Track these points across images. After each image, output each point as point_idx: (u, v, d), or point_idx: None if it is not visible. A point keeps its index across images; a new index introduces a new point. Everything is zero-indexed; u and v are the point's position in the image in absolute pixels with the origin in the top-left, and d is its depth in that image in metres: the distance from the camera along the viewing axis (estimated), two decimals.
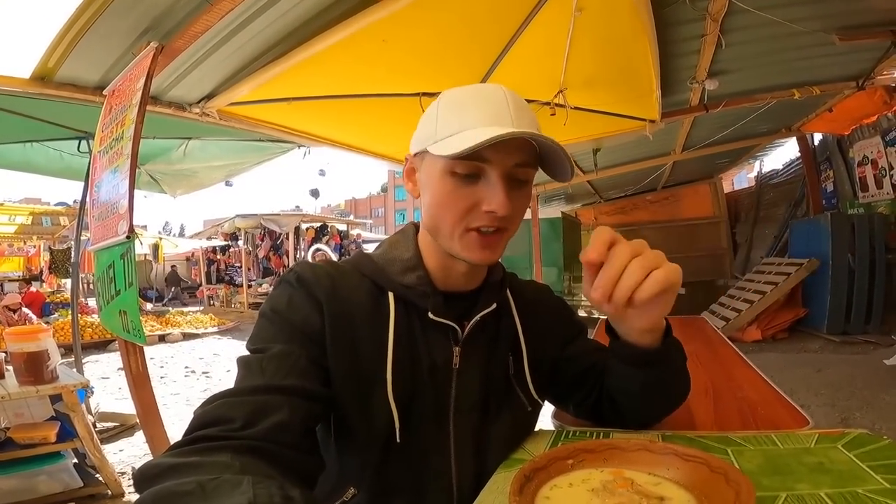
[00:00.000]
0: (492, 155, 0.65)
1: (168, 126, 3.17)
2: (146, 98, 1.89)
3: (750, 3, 2.49)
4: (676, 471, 0.61)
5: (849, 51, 3.22)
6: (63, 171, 4.07)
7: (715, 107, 3.87)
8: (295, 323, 0.67)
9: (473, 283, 0.77)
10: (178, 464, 0.47)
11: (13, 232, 9.78)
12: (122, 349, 2.13)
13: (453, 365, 0.73)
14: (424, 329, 0.72)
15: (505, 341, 0.78)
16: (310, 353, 0.65)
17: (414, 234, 0.78)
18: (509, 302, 0.80)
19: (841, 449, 0.68)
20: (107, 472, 2.53)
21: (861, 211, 6.28)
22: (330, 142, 3.55)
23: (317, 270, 0.71)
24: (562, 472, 0.62)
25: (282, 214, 13.20)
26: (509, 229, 0.70)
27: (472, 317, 0.74)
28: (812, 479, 0.60)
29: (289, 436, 0.56)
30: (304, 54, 2.17)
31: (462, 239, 0.68)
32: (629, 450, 0.65)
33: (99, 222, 2.19)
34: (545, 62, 2.54)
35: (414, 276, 0.73)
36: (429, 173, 0.70)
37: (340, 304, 0.69)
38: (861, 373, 4.22)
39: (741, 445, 0.73)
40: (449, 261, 0.73)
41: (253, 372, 0.61)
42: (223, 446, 0.51)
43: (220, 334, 8.98)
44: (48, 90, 2.33)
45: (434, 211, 0.70)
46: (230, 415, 0.54)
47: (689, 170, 7.64)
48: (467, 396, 0.74)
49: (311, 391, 0.62)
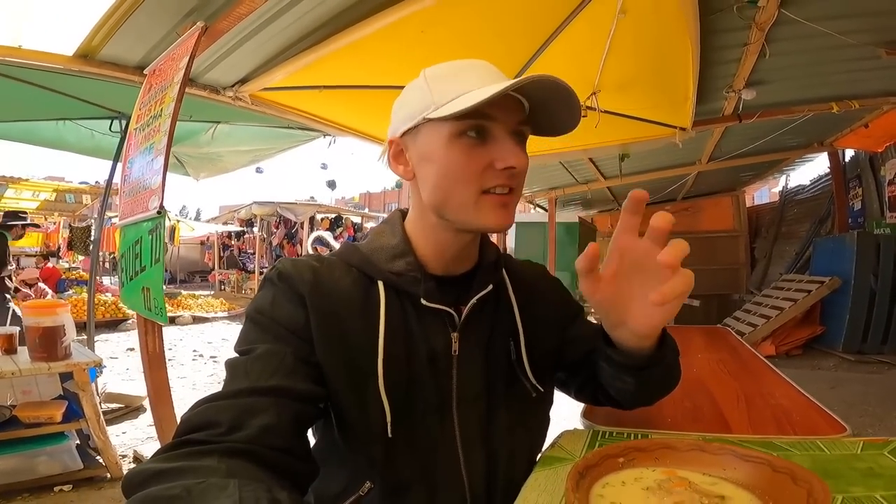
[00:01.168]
0: (498, 113, 0.64)
1: (200, 108, 3.20)
2: (187, 77, 1.90)
3: (800, 14, 2.45)
4: (734, 471, 0.60)
5: (893, 65, 3.15)
6: (93, 150, 4.13)
7: (749, 117, 3.80)
8: (280, 321, 0.65)
9: (467, 264, 0.75)
10: (163, 469, 0.47)
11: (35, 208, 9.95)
12: (140, 328, 2.12)
13: (452, 352, 0.71)
14: (419, 317, 0.70)
15: (504, 325, 0.76)
16: (297, 350, 0.64)
17: (400, 220, 0.76)
18: (506, 283, 0.78)
19: (888, 455, 0.68)
20: (109, 454, 2.49)
21: (887, 231, 6.15)
22: (356, 132, 3.55)
23: (298, 265, 0.69)
24: (613, 469, 0.61)
25: (298, 204, 13.27)
26: (517, 191, 0.68)
27: (468, 300, 0.71)
28: (865, 482, 0.61)
29: (277, 438, 0.55)
30: (341, 42, 2.17)
31: (477, 204, 0.66)
32: (682, 449, 0.64)
33: (129, 198, 2.20)
34: (581, 62, 2.52)
35: (403, 262, 0.71)
36: (429, 146, 0.67)
37: (325, 297, 0.67)
38: (875, 391, 4.21)
39: (786, 450, 0.73)
40: (449, 239, 0.71)
41: (238, 374, 0.60)
42: (209, 450, 0.50)
43: (229, 319, 9.07)
44: (90, 68, 2.35)
45: (442, 182, 0.67)
46: (216, 419, 0.54)
47: (713, 181, 7.56)
48: (470, 384, 0.71)
49: (299, 391, 0.60)
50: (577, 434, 0.80)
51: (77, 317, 2.75)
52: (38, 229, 11.07)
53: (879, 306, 5.46)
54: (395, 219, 0.77)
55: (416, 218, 0.74)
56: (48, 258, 9.73)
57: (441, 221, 0.69)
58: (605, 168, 5.87)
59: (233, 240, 15.18)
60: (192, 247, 17.27)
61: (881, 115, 4.45)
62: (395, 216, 0.77)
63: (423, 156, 0.69)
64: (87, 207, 10.05)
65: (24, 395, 2.50)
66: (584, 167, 5.84)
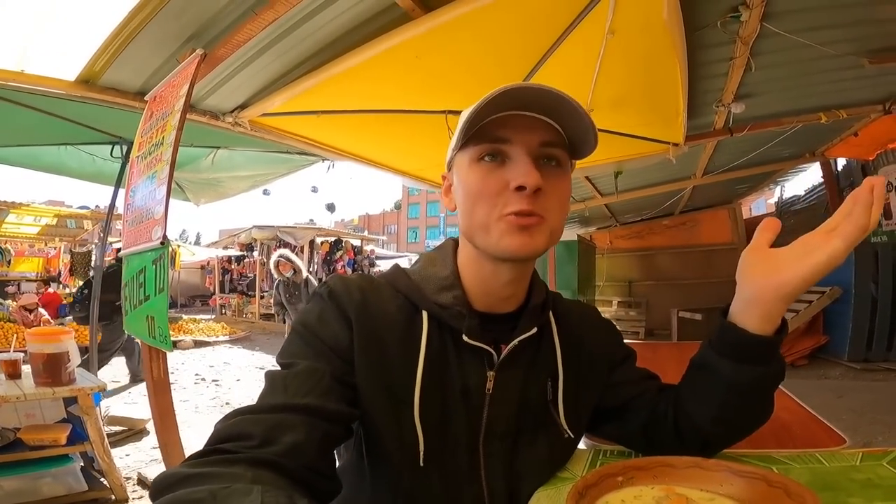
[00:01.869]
0: (512, 135, 0.64)
1: (200, 134, 3.24)
2: (188, 105, 1.94)
3: (781, 27, 2.50)
4: (730, 486, 0.61)
5: (877, 73, 3.19)
6: (94, 176, 4.16)
7: (740, 130, 3.84)
8: (324, 338, 0.66)
9: (514, 302, 0.73)
10: (192, 474, 0.48)
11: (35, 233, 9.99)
12: (144, 354, 2.14)
13: (486, 390, 0.70)
14: (458, 351, 0.69)
15: (544, 367, 0.74)
16: (336, 370, 0.64)
17: (453, 250, 0.75)
18: (551, 326, 0.76)
19: (887, 466, 0.69)
20: (113, 476, 2.51)
21: (885, 239, 6.19)
22: (354, 156, 3.59)
23: (349, 284, 0.70)
24: (612, 488, 0.61)
25: (297, 227, 13.32)
26: (546, 217, 0.65)
27: (510, 341, 0.70)
28: (864, 493, 0.61)
29: (304, 456, 0.55)
30: (338, 68, 2.22)
31: (497, 227, 0.65)
32: (680, 467, 0.64)
33: (132, 227, 2.22)
34: (574, 83, 2.56)
35: (450, 295, 0.70)
36: (459, 174, 0.69)
37: (371, 320, 0.67)
38: (883, 399, 4.20)
39: (786, 464, 0.73)
40: (489, 271, 0.70)
41: (276, 388, 0.61)
42: (238, 459, 0.51)
43: (230, 343, 9.00)
44: (91, 93, 2.39)
45: (467, 208, 0.67)
46: (248, 431, 0.55)
47: (709, 195, 7.61)
48: (501, 422, 0.70)
49: (331, 411, 0.60)
50: (579, 453, 0.80)
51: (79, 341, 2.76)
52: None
53: (882, 314, 5.48)
54: (447, 248, 0.76)
55: (462, 250, 0.74)
56: (49, 283, 9.73)
57: (476, 251, 0.69)
58: (601, 185, 5.92)
59: (232, 264, 15.20)
60: (193, 271, 17.26)
61: (870, 123, 4.49)
62: (448, 245, 0.77)
63: (456, 187, 0.71)
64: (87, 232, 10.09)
65: (27, 418, 2.53)
66: (580, 185, 5.90)
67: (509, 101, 0.63)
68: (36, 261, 11.44)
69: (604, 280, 9.44)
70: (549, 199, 0.65)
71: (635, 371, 0.83)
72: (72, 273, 10.79)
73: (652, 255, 9.73)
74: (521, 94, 0.62)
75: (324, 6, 1.96)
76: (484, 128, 0.65)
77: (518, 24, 2.14)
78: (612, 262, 9.68)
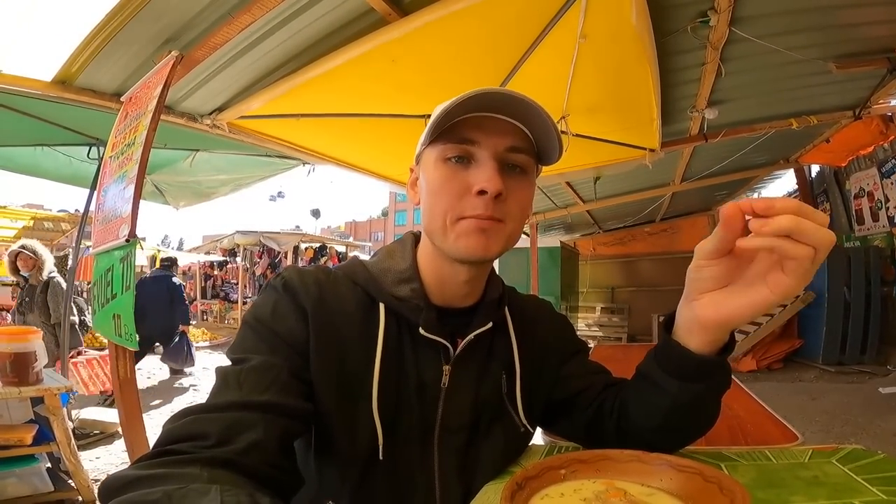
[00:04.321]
0: (480, 137, 0.64)
1: (178, 136, 3.21)
2: (161, 106, 1.93)
3: (750, 32, 2.54)
4: (670, 481, 0.61)
5: (846, 79, 3.25)
6: (70, 178, 4.09)
7: (714, 136, 3.89)
8: (279, 333, 0.64)
9: (470, 298, 0.73)
10: (144, 475, 0.45)
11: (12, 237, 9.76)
12: (111, 353, 2.11)
13: (442, 384, 0.70)
14: (414, 345, 0.69)
15: (499, 360, 0.75)
16: (292, 365, 0.62)
17: (412, 243, 0.75)
18: (507, 320, 0.77)
19: (835, 463, 0.68)
20: (80, 477, 2.48)
21: (857, 244, 6.34)
22: (334, 160, 3.59)
23: (305, 277, 0.68)
24: (554, 482, 0.61)
25: (281, 233, 13.21)
26: (506, 221, 0.65)
27: (466, 335, 0.70)
28: (807, 491, 0.61)
29: (264, 454, 0.54)
30: (316, 71, 2.22)
31: (453, 229, 0.65)
32: (622, 461, 0.64)
33: (102, 226, 2.20)
34: (549, 88, 2.59)
35: (408, 288, 0.70)
36: (424, 171, 0.69)
37: (327, 314, 0.66)
38: (857, 401, 4.26)
39: (734, 461, 0.73)
40: (447, 269, 0.70)
41: (230, 385, 0.59)
42: (192, 459, 0.49)
43: (211, 349, 8.90)
44: (68, 94, 2.36)
45: (429, 206, 0.67)
46: (203, 431, 0.52)
47: (688, 202, 7.72)
48: (455, 416, 0.70)
49: (290, 407, 0.59)
50: (535, 448, 0.80)
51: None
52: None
53: (855, 317, 5.61)
54: (407, 241, 0.76)
55: (422, 244, 0.74)
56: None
57: (435, 248, 0.69)
58: (582, 191, 5.97)
59: (215, 269, 15.02)
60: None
61: (841, 129, 4.56)
62: (407, 239, 0.76)
63: (422, 180, 0.70)
64: (64, 236, 9.88)
65: None
66: (562, 191, 5.94)
67: (480, 103, 0.63)
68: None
69: (587, 286, 9.52)
70: (510, 204, 0.65)
71: (585, 365, 0.83)
72: None
73: (634, 262, 9.84)
74: (491, 97, 0.62)
75: (301, 10, 1.98)
76: (453, 127, 0.65)
77: (492, 29, 2.17)
78: (596, 269, 9.78)
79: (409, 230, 0.80)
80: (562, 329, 0.86)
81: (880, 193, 6.05)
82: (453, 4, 1.87)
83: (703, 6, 2.39)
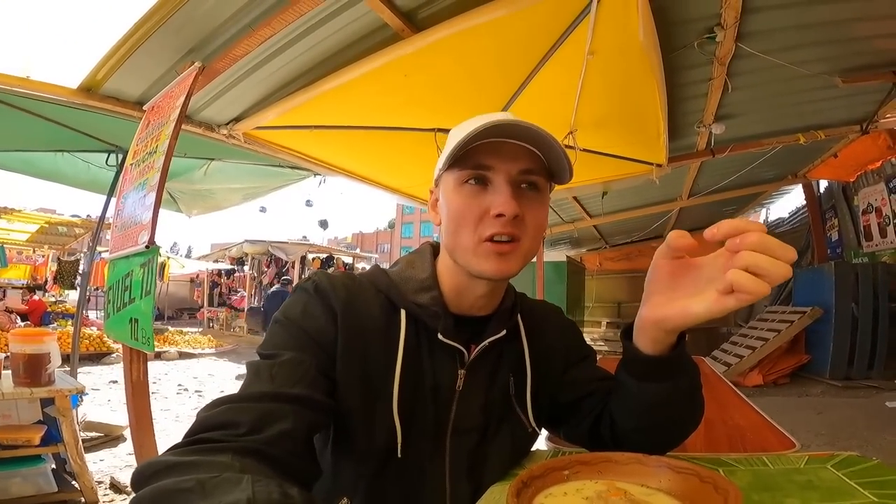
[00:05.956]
0: (494, 162, 0.68)
1: (194, 145, 3.29)
2: (183, 115, 1.98)
3: (756, 47, 2.56)
4: (668, 482, 0.64)
5: (852, 93, 3.23)
6: (88, 184, 4.17)
7: (721, 151, 3.87)
8: (308, 331, 0.68)
9: (487, 309, 0.77)
10: (177, 462, 0.47)
11: (25, 240, 9.92)
12: (125, 357, 2.13)
13: (457, 387, 0.74)
14: (432, 349, 0.73)
15: (509, 364, 0.78)
16: (319, 362, 0.66)
17: (431, 254, 0.79)
18: (519, 326, 0.81)
19: (830, 469, 0.70)
20: (85, 479, 2.50)
21: (865, 260, 6.31)
22: (345, 172, 3.64)
23: (334, 281, 0.73)
24: (557, 482, 0.64)
25: (289, 243, 13.32)
26: (523, 240, 0.70)
27: (481, 341, 0.75)
28: (801, 495, 0.63)
29: (292, 444, 0.56)
30: (331, 84, 2.28)
31: (477, 251, 0.69)
32: (622, 463, 0.67)
33: (120, 232, 2.24)
34: (557, 103, 2.63)
35: (428, 296, 0.74)
36: (444, 193, 0.73)
37: (354, 317, 0.70)
38: (862, 415, 4.21)
39: (732, 466, 0.75)
40: (465, 283, 0.74)
41: (262, 378, 0.62)
42: (224, 448, 0.51)
43: (216, 356, 8.91)
44: (92, 101, 2.43)
45: (451, 227, 0.71)
46: (236, 419, 0.55)
47: (696, 217, 7.71)
48: (467, 418, 0.74)
49: (317, 401, 0.63)
50: (538, 455, 0.83)
51: (62, 349, 2.76)
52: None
53: (862, 332, 5.57)
54: (426, 252, 0.80)
55: (442, 257, 0.77)
56: (34, 291, 9.63)
57: (456, 265, 0.73)
58: (589, 206, 5.99)
59: (222, 278, 15.13)
60: (182, 284, 17.14)
61: (849, 143, 4.53)
62: (426, 249, 0.81)
63: (442, 204, 0.74)
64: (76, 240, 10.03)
65: (2, 418, 2.51)
66: (569, 206, 5.97)
67: (494, 131, 0.67)
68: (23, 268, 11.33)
69: (593, 301, 9.48)
70: (527, 222, 0.70)
71: (591, 371, 0.86)
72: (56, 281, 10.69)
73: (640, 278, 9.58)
74: (504, 126, 0.67)
75: (319, 24, 2.04)
76: (469, 152, 0.69)
77: (502, 45, 2.21)
78: (602, 284, 9.73)
79: (425, 241, 0.85)
80: (570, 335, 0.90)
81: (888, 209, 6.05)
82: (465, 22, 1.92)
83: (710, 22, 2.42)
